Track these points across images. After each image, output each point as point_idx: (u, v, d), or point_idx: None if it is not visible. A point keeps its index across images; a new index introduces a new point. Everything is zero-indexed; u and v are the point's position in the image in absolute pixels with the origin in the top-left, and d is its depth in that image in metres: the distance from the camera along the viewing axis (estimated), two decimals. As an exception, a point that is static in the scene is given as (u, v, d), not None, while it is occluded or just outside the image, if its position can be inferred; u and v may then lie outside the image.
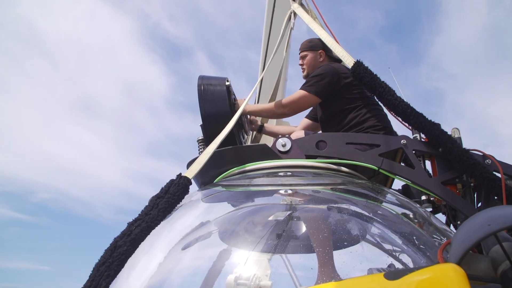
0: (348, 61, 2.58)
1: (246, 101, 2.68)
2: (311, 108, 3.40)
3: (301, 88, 2.93)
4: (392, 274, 0.96)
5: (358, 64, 2.49)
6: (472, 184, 2.38)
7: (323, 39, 2.92)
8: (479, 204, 2.38)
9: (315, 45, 3.33)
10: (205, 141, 2.76)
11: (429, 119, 2.32)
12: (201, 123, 2.75)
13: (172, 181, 2.01)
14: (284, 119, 4.50)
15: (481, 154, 2.43)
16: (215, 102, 2.73)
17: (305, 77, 3.33)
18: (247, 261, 2.17)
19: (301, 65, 3.37)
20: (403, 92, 2.51)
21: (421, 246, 1.93)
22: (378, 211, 2.16)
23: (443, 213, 2.54)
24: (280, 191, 2.16)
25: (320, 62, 3.28)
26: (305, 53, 3.35)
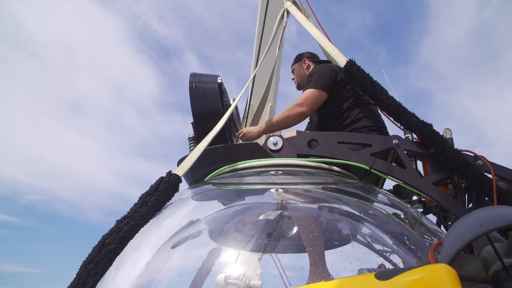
0: (341, 60, 2.57)
1: (238, 99, 2.66)
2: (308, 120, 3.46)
3: (307, 88, 2.91)
4: (383, 274, 0.95)
5: (350, 63, 2.49)
6: (463, 185, 2.38)
7: (316, 38, 2.91)
8: (470, 205, 2.38)
9: (299, 56, 3.47)
10: (196, 139, 2.74)
11: (421, 119, 2.32)
12: (192, 121, 2.72)
13: (162, 178, 1.98)
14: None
15: (473, 155, 2.43)
16: (206, 100, 2.70)
17: (298, 87, 3.48)
18: (237, 260, 2.15)
19: (293, 79, 3.51)
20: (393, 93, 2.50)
21: (412, 247, 1.92)
22: (369, 211, 2.15)
23: (434, 214, 2.54)
24: (271, 190, 2.15)
25: (306, 69, 3.38)
26: (293, 67, 3.50)
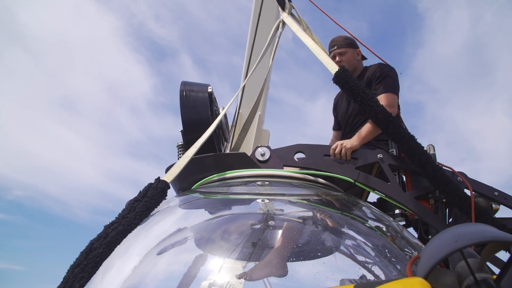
0: (332, 68, 2.58)
1: (226, 108, 2.69)
2: (334, 120, 3.47)
3: (387, 92, 2.83)
4: (362, 286, 1.00)
5: (342, 70, 2.50)
6: (444, 200, 2.44)
7: (309, 47, 2.92)
8: (450, 220, 2.45)
9: (354, 43, 3.27)
10: (185, 147, 2.76)
11: (408, 131, 2.36)
12: (181, 128, 2.75)
13: (150, 184, 2.01)
14: (265, 127, 4.54)
15: (451, 171, 2.50)
16: (196, 109, 2.74)
17: None
18: (222, 268, 2.18)
19: (339, 62, 3.16)
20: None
21: (392, 259, 1.98)
22: (353, 224, 2.20)
23: (414, 228, 2.61)
24: (258, 200, 2.19)
25: (358, 60, 3.25)
26: (344, 49, 3.20)
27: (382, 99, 2.64)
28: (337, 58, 3.17)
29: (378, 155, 2.44)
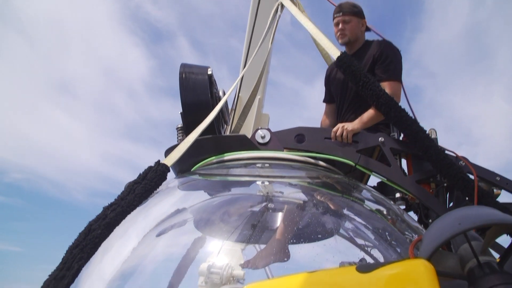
0: (334, 52, 2.56)
1: (228, 93, 2.67)
2: (325, 92, 3.29)
3: (392, 79, 2.72)
4: (364, 267, 0.99)
5: (345, 54, 2.48)
6: (445, 184, 2.43)
7: (309, 31, 2.89)
8: (451, 204, 2.44)
9: (360, 12, 3.04)
10: (184, 129, 2.75)
11: (409, 115, 2.34)
12: (181, 110, 2.73)
13: (150, 167, 2.01)
14: (264, 112, 4.51)
15: (454, 155, 2.48)
16: (196, 91, 2.71)
17: (345, 43, 3.01)
18: (221, 250, 2.18)
19: (342, 29, 2.96)
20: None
21: (392, 242, 1.97)
22: (353, 206, 2.19)
23: (415, 212, 2.60)
24: (257, 182, 2.17)
25: (362, 31, 3.05)
26: (348, 17, 2.97)
27: (386, 87, 2.59)
28: (340, 26, 2.97)
29: (380, 139, 2.42)
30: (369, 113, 2.56)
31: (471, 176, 2.30)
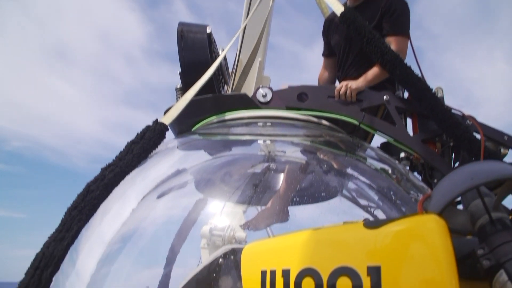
0: (337, 7, 2.46)
1: (227, 48, 2.58)
2: (324, 45, 3.09)
3: (399, 34, 2.56)
4: (372, 222, 0.94)
5: (350, 9, 2.38)
6: (451, 144, 2.38)
7: None
8: (457, 164, 2.39)
9: None
10: (184, 90, 2.66)
11: (415, 73, 2.27)
12: (180, 71, 2.65)
13: (148, 127, 1.96)
14: (265, 74, 4.41)
15: (461, 114, 2.42)
16: (195, 50, 2.62)
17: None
18: (222, 212, 2.16)
19: None
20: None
21: (397, 201, 1.94)
22: (357, 165, 2.15)
23: (419, 173, 2.55)
24: (259, 141, 2.12)
25: None
26: None
27: (393, 42, 2.47)
28: None
29: (385, 97, 2.34)
30: (374, 70, 2.47)
31: (478, 136, 2.25)
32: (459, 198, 1.16)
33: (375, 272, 0.87)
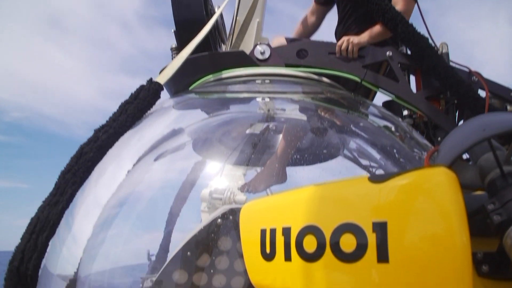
0: None
1: (224, 4, 2.49)
2: None
3: None
4: (377, 176, 0.89)
5: None
6: (455, 101, 2.32)
7: None
8: (461, 122, 2.34)
9: None
10: (179, 49, 2.58)
11: (418, 30, 2.19)
12: (174, 29, 2.56)
13: (142, 86, 1.89)
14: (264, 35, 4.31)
15: (467, 70, 2.36)
16: (190, 7, 2.51)
17: None
18: (222, 174, 2.12)
19: None
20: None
21: (401, 160, 1.89)
22: (360, 123, 2.09)
23: (421, 132, 2.50)
24: (257, 99, 2.05)
25: None
26: None
27: (399, 3, 2.38)
28: None
29: (387, 53, 2.26)
30: (376, 28, 2.38)
31: (484, 93, 2.20)
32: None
33: (381, 228, 0.82)
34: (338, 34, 2.67)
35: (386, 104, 2.62)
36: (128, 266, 2.10)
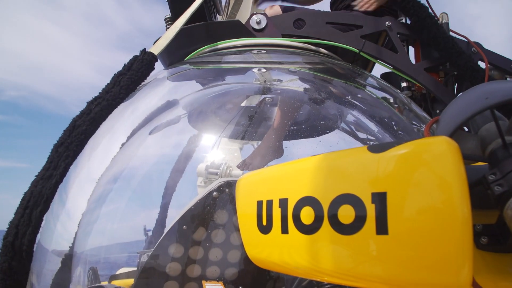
0: None
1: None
2: None
3: None
4: (376, 146, 0.86)
5: None
6: (455, 73, 2.29)
7: None
8: (460, 94, 2.32)
9: None
10: (173, 20, 2.52)
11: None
12: (168, -2, 2.49)
13: (135, 57, 1.84)
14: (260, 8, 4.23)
15: (466, 41, 2.32)
16: None
17: None
18: (218, 148, 2.09)
19: None
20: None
21: (399, 132, 1.87)
22: (358, 94, 2.06)
23: (419, 104, 2.48)
24: (253, 70, 2.01)
25: None
26: None
27: None
28: None
29: (386, 23, 2.22)
30: None
31: (483, 65, 2.17)
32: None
33: (380, 200, 0.80)
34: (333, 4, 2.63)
35: (384, 76, 2.59)
36: (125, 243, 2.09)
